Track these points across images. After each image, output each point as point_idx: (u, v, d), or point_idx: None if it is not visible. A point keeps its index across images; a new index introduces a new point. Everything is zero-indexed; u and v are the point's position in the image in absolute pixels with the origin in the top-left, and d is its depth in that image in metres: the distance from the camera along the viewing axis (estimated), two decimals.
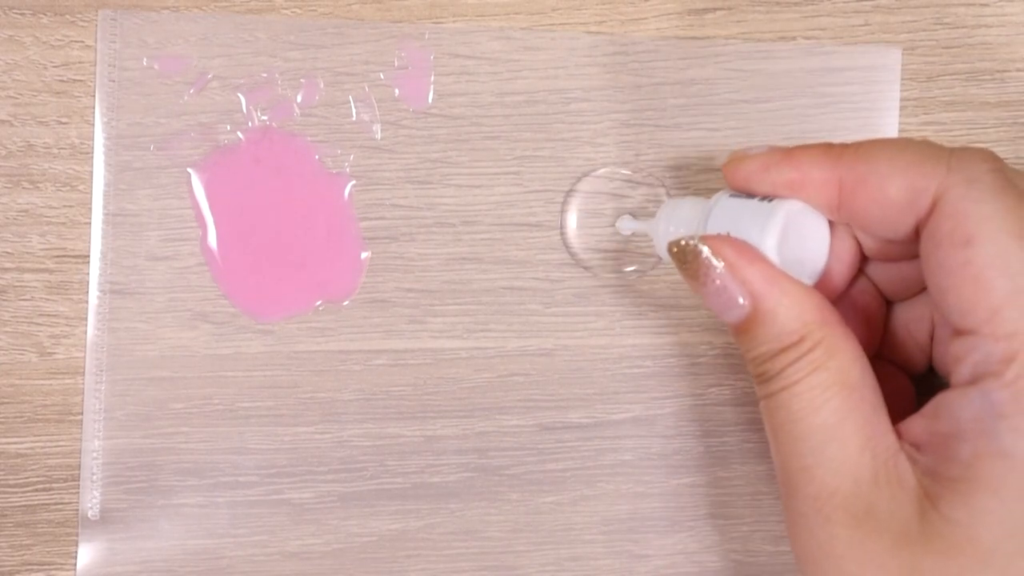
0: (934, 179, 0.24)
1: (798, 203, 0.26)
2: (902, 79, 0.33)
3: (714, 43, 0.32)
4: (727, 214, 0.27)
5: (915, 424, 0.25)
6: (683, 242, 0.26)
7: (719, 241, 0.26)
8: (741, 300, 0.25)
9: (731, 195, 0.27)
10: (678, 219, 0.28)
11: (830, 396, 0.24)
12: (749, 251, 0.25)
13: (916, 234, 0.25)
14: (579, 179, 0.32)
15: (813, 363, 0.25)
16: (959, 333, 0.24)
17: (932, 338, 0.28)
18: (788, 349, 0.25)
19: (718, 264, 0.25)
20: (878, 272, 0.28)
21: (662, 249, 0.29)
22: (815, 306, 0.25)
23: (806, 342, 0.25)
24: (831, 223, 0.27)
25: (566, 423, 0.32)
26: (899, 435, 0.25)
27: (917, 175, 0.24)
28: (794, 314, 0.25)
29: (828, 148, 0.26)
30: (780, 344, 0.25)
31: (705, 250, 0.25)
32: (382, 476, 0.32)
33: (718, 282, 0.25)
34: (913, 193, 0.24)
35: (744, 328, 0.26)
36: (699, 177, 0.32)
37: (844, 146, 0.26)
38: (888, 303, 0.29)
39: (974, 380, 0.23)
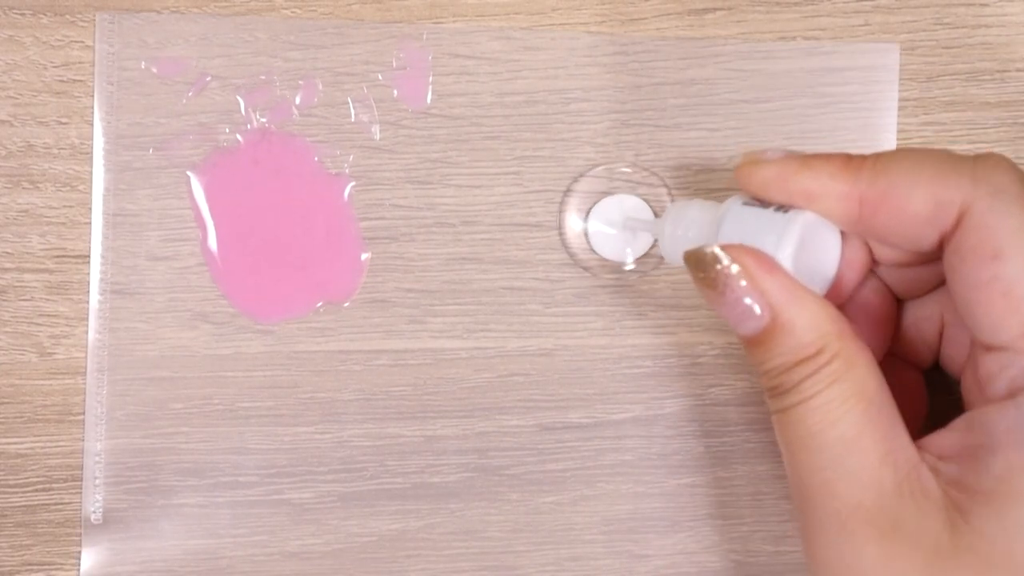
0: (959, 191, 0.23)
1: (812, 215, 0.26)
2: (902, 79, 0.32)
3: (714, 43, 0.32)
4: (740, 222, 0.26)
5: (943, 438, 0.24)
6: (700, 250, 0.25)
7: (738, 250, 0.25)
8: (759, 311, 0.25)
9: (744, 203, 0.27)
10: (687, 221, 0.28)
11: (848, 408, 0.24)
12: (768, 261, 0.25)
13: (939, 246, 0.24)
14: (578, 179, 0.32)
15: (832, 375, 0.24)
16: (990, 349, 0.23)
17: (941, 336, 0.28)
18: (805, 361, 0.24)
19: (737, 273, 0.25)
20: (889, 272, 0.28)
21: (668, 251, 0.28)
22: (832, 318, 0.25)
23: (824, 354, 0.24)
24: (842, 232, 0.27)
25: (566, 423, 0.32)
26: (919, 448, 0.24)
27: (941, 188, 0.24)
28: (812, 325, 0.24)
29: (847, 161, 0.25)
30: (796, 356, 0.24)
31: (725, 259, 0.25)
32: (382, 476, 0.32)
33: (736, 292, 0.25)
34: (937, 207, 0.24)
35: (760, 340, 0.25)
36: (699, 177, 0.32)
37: (863, 159, 0.25)
38: (898, 301, 0.29)
39: (1011, 394, 0.23)
